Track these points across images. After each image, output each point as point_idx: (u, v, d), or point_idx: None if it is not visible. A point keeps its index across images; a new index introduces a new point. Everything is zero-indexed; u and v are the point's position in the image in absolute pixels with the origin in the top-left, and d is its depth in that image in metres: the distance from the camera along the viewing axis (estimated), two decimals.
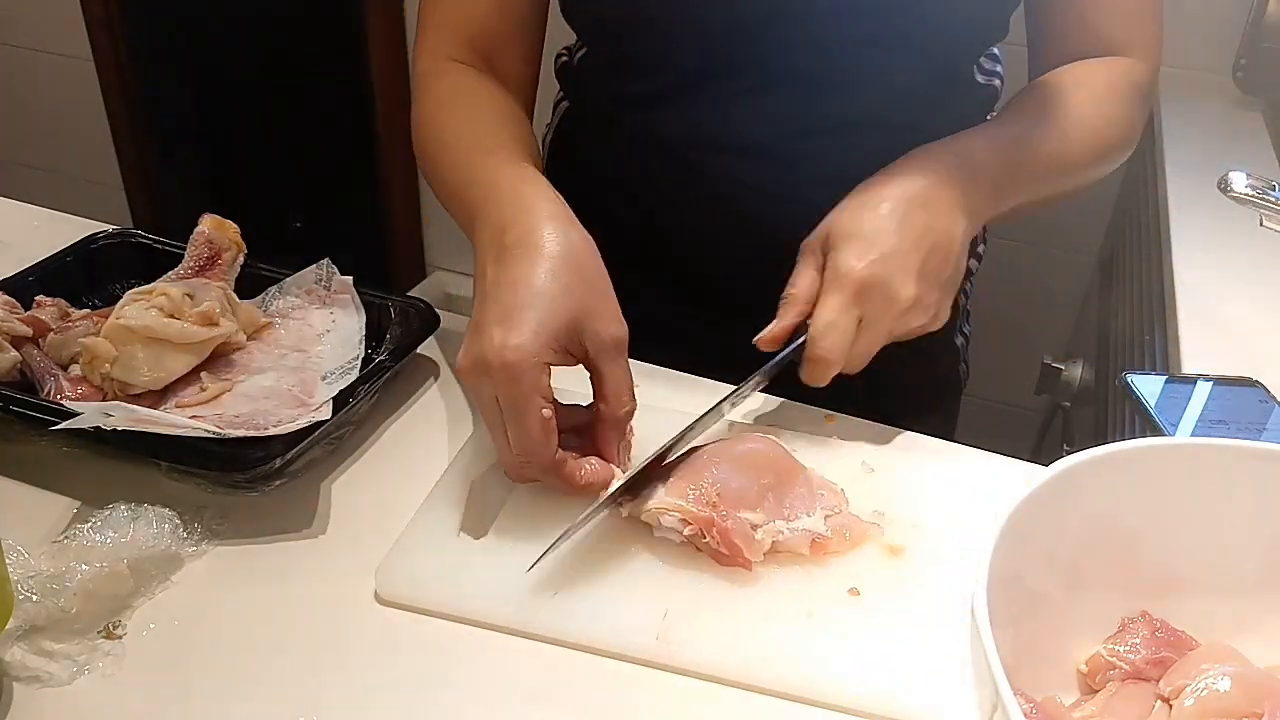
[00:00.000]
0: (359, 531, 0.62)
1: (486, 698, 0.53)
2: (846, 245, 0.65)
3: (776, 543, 0.59)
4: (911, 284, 0.65)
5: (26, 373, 0.69)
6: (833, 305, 0.64)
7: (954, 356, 0.97)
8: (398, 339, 0.74)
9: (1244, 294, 0.90)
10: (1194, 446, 0.55)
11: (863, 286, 0.64)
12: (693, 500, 0.59)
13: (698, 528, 0.59)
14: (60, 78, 2.28)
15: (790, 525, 0.60)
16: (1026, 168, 0.75)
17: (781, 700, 0.54)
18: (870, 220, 0.66)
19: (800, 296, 0.67)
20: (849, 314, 0.64)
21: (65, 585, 0.53)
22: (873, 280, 0.64)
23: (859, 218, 0.66)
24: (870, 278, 0.64)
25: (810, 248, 0.68)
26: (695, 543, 0.60)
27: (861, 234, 0.65)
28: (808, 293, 0.66)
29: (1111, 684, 0.52)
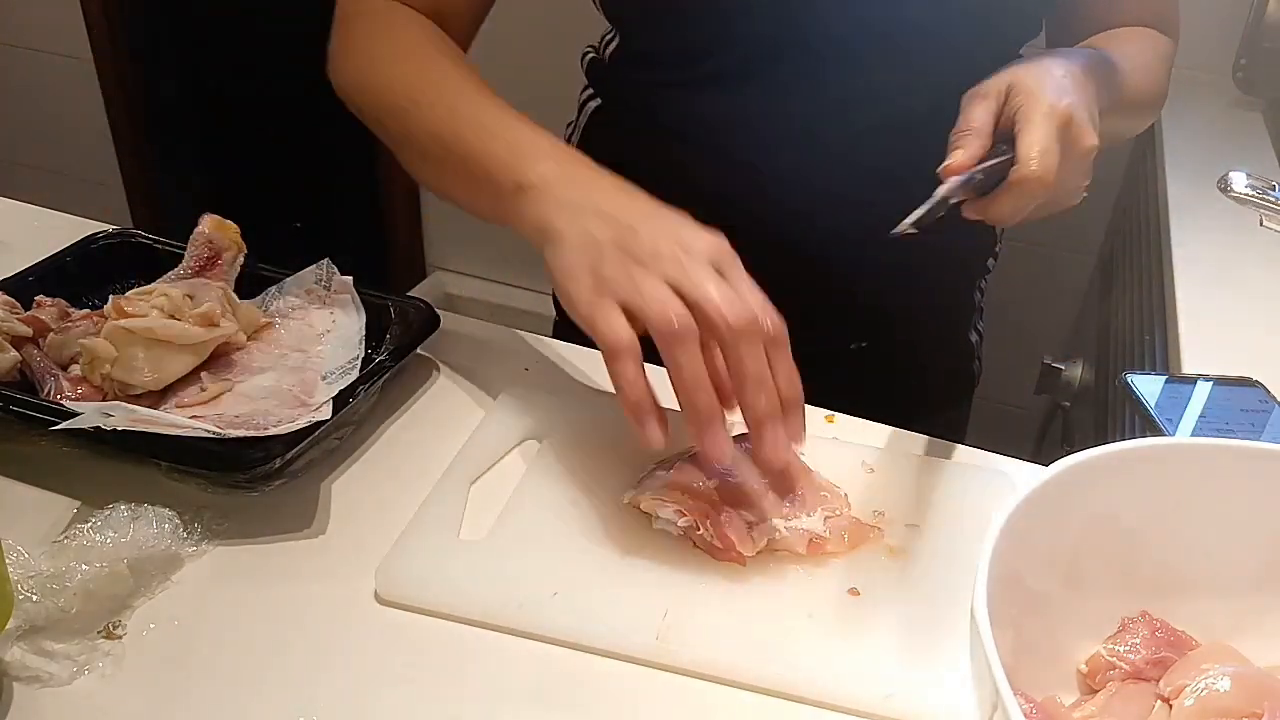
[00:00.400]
0: (359, 531, 0.62)
1: (486, 698, 0.53)
2: (1042, 86, 0.64)
3: (773, 541, 0.60)
4: (1094, 133, 0.64)
5: (26, 373, 0.69)
6: (1044, 130, 0.62)
7: (968, 355, 0.97)
8: (398, 339, 0.74)
9: (1244, 294, 0.90)
10: (1194, 446, 0.55)
11: (1065, 120, 0.63)
12: (691, 494, 0.59)
13: (693, 520, 0.59)
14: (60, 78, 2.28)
15: (788, 524, 0.60)
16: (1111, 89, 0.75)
17: (781, 700, 0.54)
18: (1055, 76, 0.65)
19: (981, 130, 0.64)
20: (1056, 141, 0.62)
21: (65, 585, 0.53)
22: (1072, 118, 0.63)
23: (1039, 72, 0.65)
24: (1070, 116, 0.63)
25: (981, 95, 0.66)
26: (691, 535, 0.60)
27: (1050, 81, 0.64)
28: (987, 127, 0.64)
29: (1111, 684, 0.52)
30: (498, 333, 0.81)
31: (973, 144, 0.64)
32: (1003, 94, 0.65)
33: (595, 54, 0.91)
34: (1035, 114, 0.62)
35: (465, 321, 0.82)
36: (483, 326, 0.82)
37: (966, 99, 0.66)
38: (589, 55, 0.92)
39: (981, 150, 0.63)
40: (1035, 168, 0.61)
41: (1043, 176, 0.61)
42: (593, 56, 0.91)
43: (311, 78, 0.81)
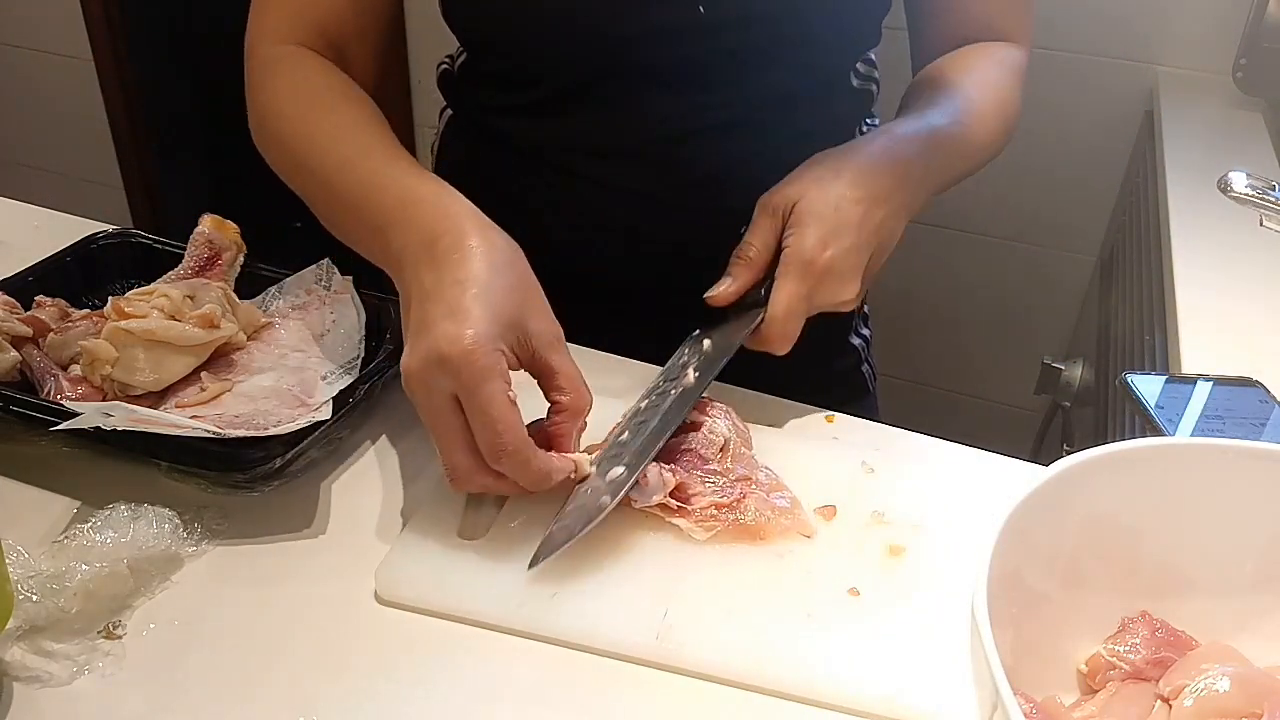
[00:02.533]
0: (359, 531, 0.62)
1: (486, 698, 0.53)
2: (813, 228, 0.66)
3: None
4: (857, 283, 0.68)
5: (26, 373, 0.69)
6: (792, 292, 0.66)
7: (855, 357, 0.98)
8: (398, 339, 0.74)
9: (1244, 294, 0.90)
10: (1194, 446, 0.55)
11: (822, 277, 0.66)
12: None
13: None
14: (60, 78, 2.28)
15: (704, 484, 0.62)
16: (948, 161, 0.77)
17: (781, 700, 0.54)
18: (837, 206, 0.67)
19: (755, 260, 0.68)
20: (807, 301, 0.67)
21: (65, 585, 0.53)
22: (830, 273, 0.66)
23: (826, 198, 0.67)
24: (829, 270, 0.66)
25: (770, 209, 0.69)
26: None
27: (828, 219, 0.67)
28: (762, 256, 0.68)
29: (1111, 684, 0.52)
30: None
31: (741, 274, 0.68)
32: (787, 213, 0.68)
33: (448, 66, 0.92)
34: (795, 269, 0.66)
35: None
36: None
37: (757, 207, 0.69)
38: (443, 67, 0.93)
39: (750, 280, 0.68)
40: (777, 332, 0.66)
41: (784, 341, 0.67)
42: (445, 69, 0.92)
43: None
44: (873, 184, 0.69)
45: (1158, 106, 1.32)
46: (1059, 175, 1.55)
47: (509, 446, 0.56)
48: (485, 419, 0.56)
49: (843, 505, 0.64)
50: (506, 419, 0.56)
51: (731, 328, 0.69)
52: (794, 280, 0.66)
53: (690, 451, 0.64)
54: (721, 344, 0.68)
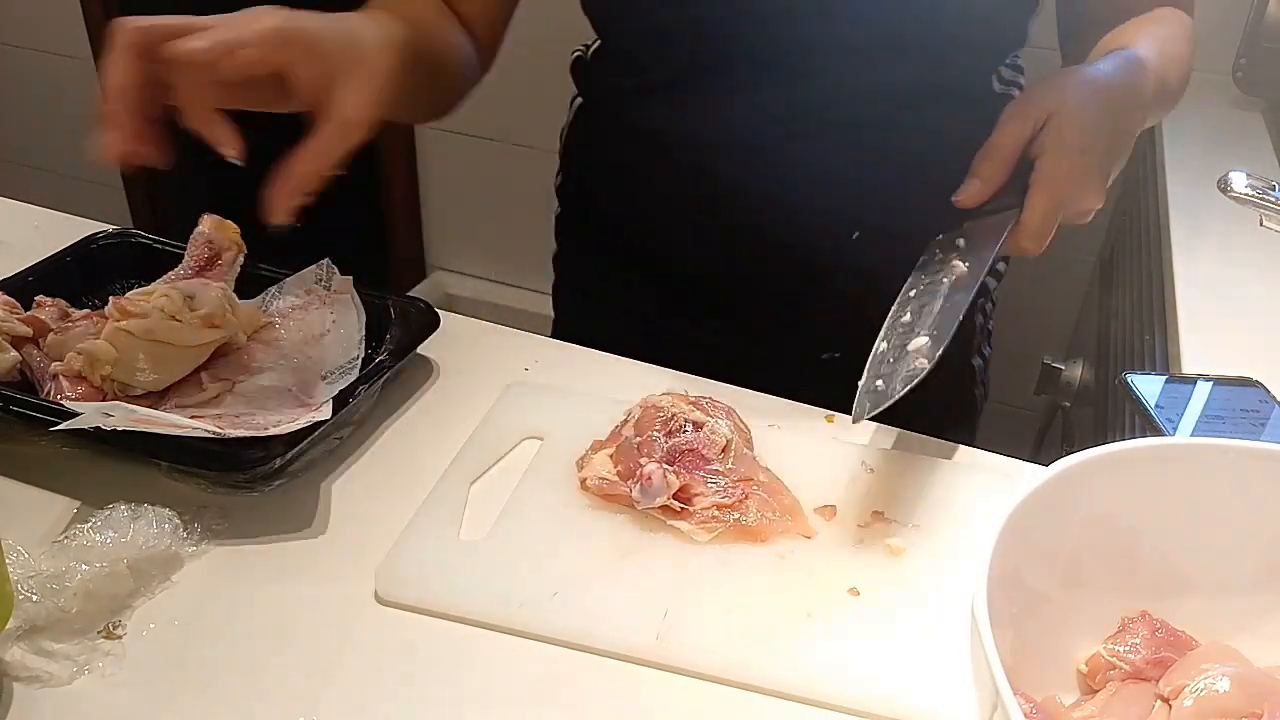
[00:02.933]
0: (359, 531, 0.62)
1: (486, 698, 0.53)
2: (1072, 136, 0.67)
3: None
4: (1100, 195, 0.68)
5: (26, 373, 0.69)
6: (1049, 204, 0.66)
7: (969, 379, 0.97)
8: (398, 339, 0.74)
9: (1244, 294, 0.90)
10: (1194, 446, 0.55)
11: (1074, 189, 0.67)
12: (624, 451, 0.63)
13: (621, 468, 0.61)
14: (60, 78, 2.28)
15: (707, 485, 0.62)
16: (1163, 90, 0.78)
17: (781, 700, 0.54)
18: (1093, 116, 0.68)
19: (1006, 162, 0.68)
20: (1060, 210, 0.66)
21: (65, 585, 0.53)
22: (1084, 182, 0.67)
23: (1084, 110, 0.68)
24: (1084, 178, 0.67)
25: (1021, 114, 0.68)
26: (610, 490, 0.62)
27: (1086, 129, 0.67)
28: (1012, 158, 0.68)
29: (1111, 684, 0.52)
30: (498, 333, 0.81)
31: (993, 178, 0.68)
32: (1040, 121, 0.68)
33: (582, 54, 0.93)
34: (1048, 181, 0.66)
35: (465, 321, 0.82)
36: (483, 326, 0.82)
37: (1008, 110, 0.69)
38: (576, 55, 0.93)
39: (998, 183, 0.68)
40: (1032, 242, 0.66)
41: (1037, 247, 0.67)
42: (578, 56, 0.93)
43: None
44: (1118, 98, 0.70)
45: None
46: None
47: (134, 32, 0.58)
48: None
49: (843, 505, 0.64)
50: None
51: (982, 228, 0.69)
52: (1054, 186, 0.66)
53: (692, 451, 0.64)
54: (976, 242, 0.68)
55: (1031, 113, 0.68)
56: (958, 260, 0.67)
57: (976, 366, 0.97)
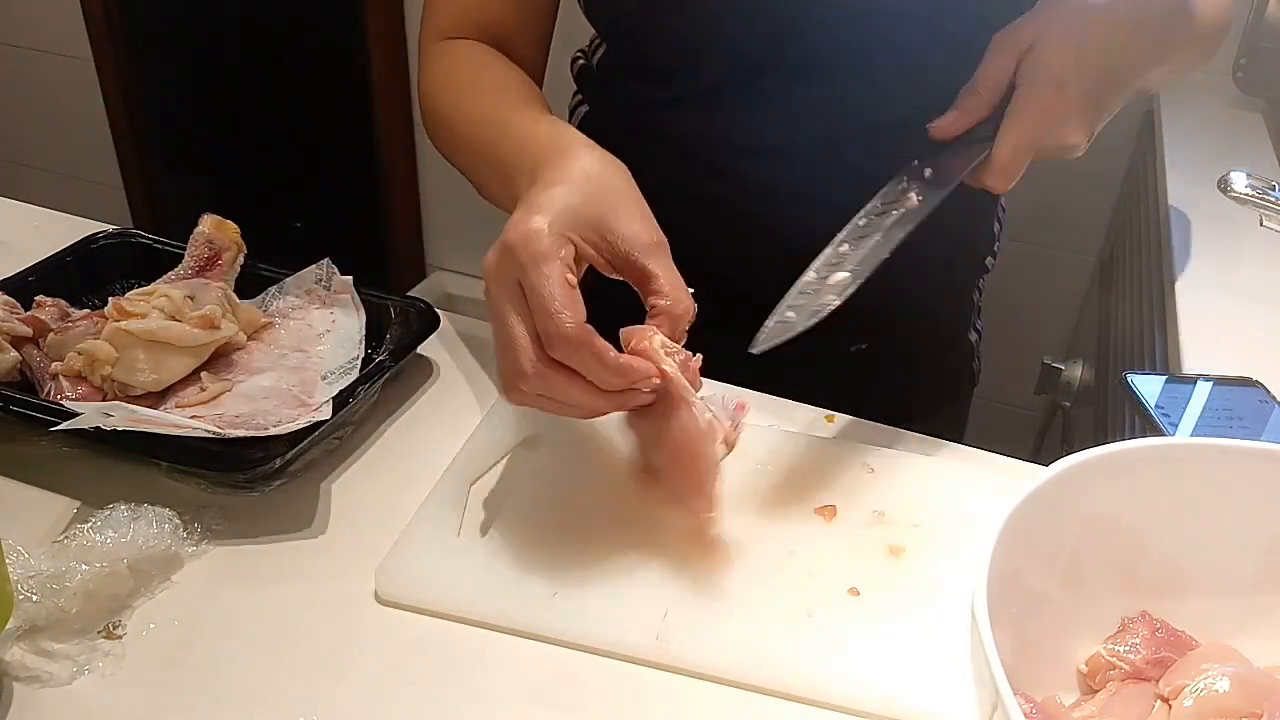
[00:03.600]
0: (359, 531, 0.62)
1: (486, 698, 0.53)
2: (1050, 70, 0.65)
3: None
4: (1086, 130, 0.66)
5: (26, 373, 0.69)
6: (1025, 132, 0.65)
7: (967, 353, 0.98)
8: (398, 339, 0.74)
9: (1244, 294, 0.90)
10: (1194, 446, 0.55)
11: (1053, 121, 0.65)
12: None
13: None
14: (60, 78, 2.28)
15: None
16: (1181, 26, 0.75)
17: (781, 700, 0.54)
18: (1076, 49, 0.66)
19: (985, 96, 0.67)
20: (1035, 144, 0.65)
21: (65, 585, 0.53)
22: (1062, 118, 0.65)
23: (1065, 41, 0.66)
24: (1062, 114, 0.65)
25: (1005, 46, 0.67)
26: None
27: (1066, 63, 0.65)
28: (993, 93, 0.67)
29: (1111, 684, 0.52)
30: None
31: (971, 108, 0.68)
32: (1024, 51, 0.66)
33: (585, 60, 0.92)
34: (1022, 115, 0.65)
35: (465, 321, 0.82)
36: (483, 326, 0.82)
37: (994, 41, 0.68)
38: (579, 61, 0.92)
39: (974, 118, 0.68)
40: (998, 177, 0.66)
41: (1004, 182, 0.66)
42: (582, 63, 0.92)
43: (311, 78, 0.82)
44: (1112, 31, 0.67)
45: (1158, 106, 1.32)
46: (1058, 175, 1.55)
47: (564, 327, 0.52)
48: (540, 299, 0.53)
49: (843, 505, 0.64)
50: (563, 298, 0.52)
51: (954, 160, 0.68)
52: (1025, 121, 0.65)
53: None
54: (943, 174, 0.67)
55: (1012, 44, 0.67)
56: (914, 193, 0.66)
57: (973, 340, 0.98)
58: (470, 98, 0.75)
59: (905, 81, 0.78)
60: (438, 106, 0.77)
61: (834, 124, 0.79)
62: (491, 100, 0.73)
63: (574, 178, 0.58)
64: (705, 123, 0.81)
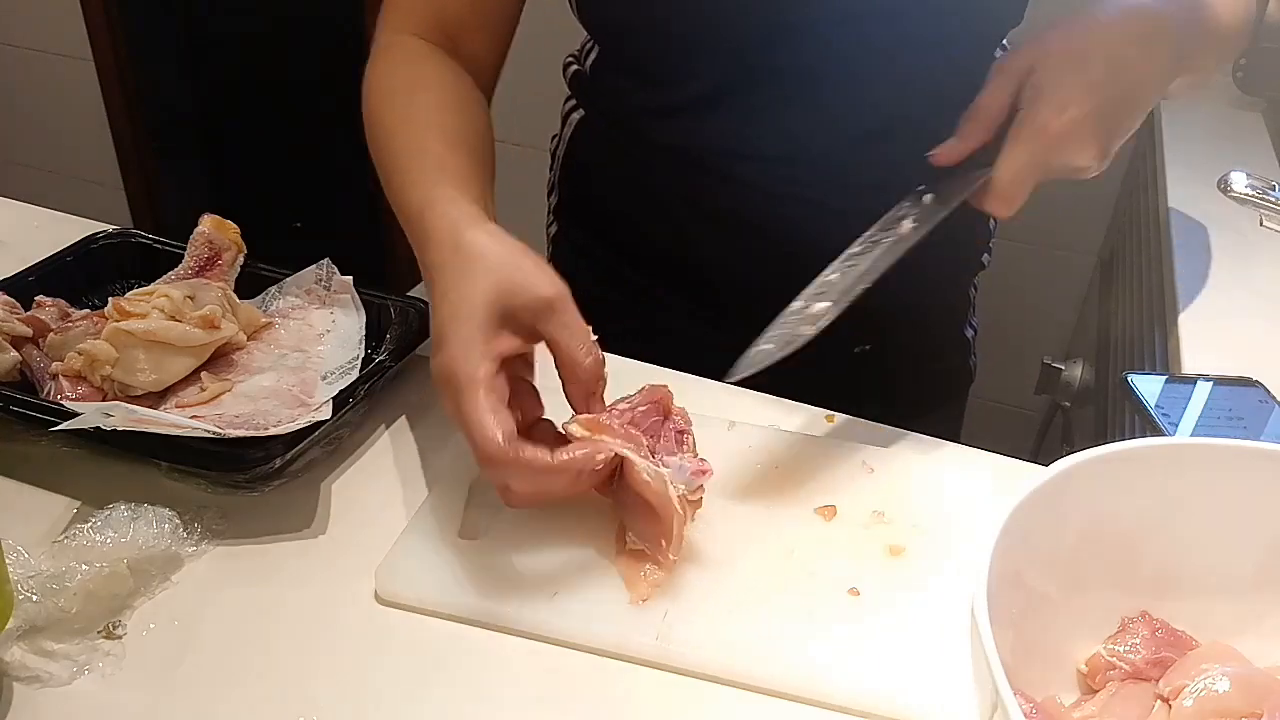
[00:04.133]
0: (359, 531, 0.62)
1: (486, 698, 0.53)
2: (1051, 91, 0.64)
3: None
4: (1095, 149, 0.65)
5: (26, 373, 0.69)
6: (1026, 157, 0.64)
7: (964, 350, 0.98)
8: (398, 339, 0.74)
9: (1244, 294, 0.90)
10: (1194, 446, 0.55)
11: (1057, 143, 0.64)
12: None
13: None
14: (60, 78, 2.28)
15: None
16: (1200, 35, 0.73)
17: (781, 700, 0.54)
18: (1079, 69, 0.65)
19: (986, 121, 0.67)
20: (1038, 168, 0.64)
21: (65, 585, 0.53)
22: (1066, 139, 0.64)
23: (1067, 61, 0.65)
24: (1065, 136, 0.64)
25: (1007, 71, 0.67)
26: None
27: (1068, 83, 0.64)
28: (994, 118, 0.66)
29: (1111, 684, 0.52)
30: None
31: (972, 134, 0.67)
32: (1025, 75, 0.66)
33: (577, 64, 0.91)
34: (1023, 137, 0.64)
35: None
36: None
37: (995, 68, 0.68)
38: (571, 66, 0.92)
39: (979, 143, 0.67)
40: (998, 203, 0.65)
41: (1005, 207, 0.65)
42: (576, 68, 0.91)
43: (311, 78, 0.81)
44: (1118, 50, 0.66)
45: (1158, 106, 1.32)
46: None
47: (489, 449, 0.54)
48: (467, 428, 0.55)
49: (843, 505, 0.64)
50: (483, 422, 0.54)
51: (956, 185, 0.67)
52: (1026, 145, 0.64)
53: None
54: (944, 198, 0.67)
55: (1013, 68, 0.66)
56: (910, 219, 0.66)
57: (969, 337, 0.98)
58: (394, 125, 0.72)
59: (896, 88, 0.78)
60: (367, 115, 0.75)
61: (829, 129, 0.79)
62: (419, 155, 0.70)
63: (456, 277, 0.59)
64: (699, 128, 0.81)
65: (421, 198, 0.65)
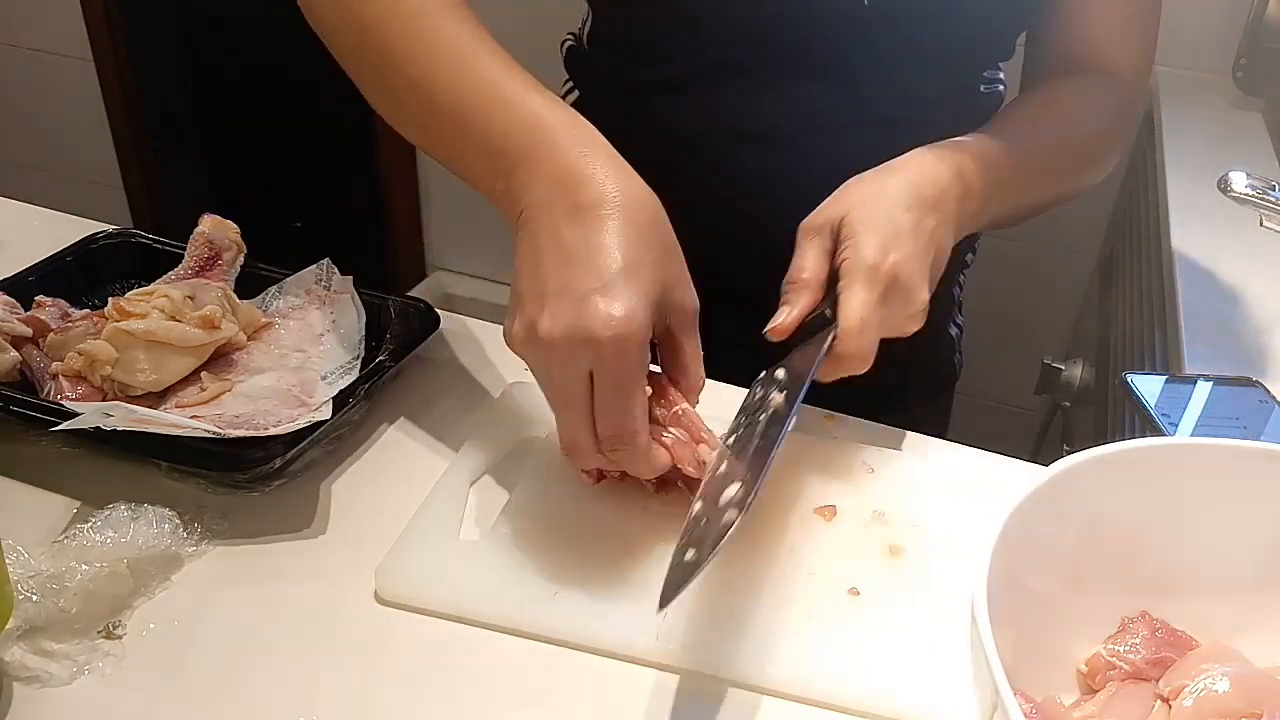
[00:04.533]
0: (359, 531, 0.62)
1: (486, 698, 0.53)
2: (868, 237, 0.62)
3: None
4: (924, 288, 0.63)
5: (26, 373, 0.69)
6: (863, 300, 0.61)
7: (949, 347, 0.98)
8: (398, 339, 0.74)
9: (1244, 294, 0.90)
10: (1194, 446, 0.55)
11: (890, 284, 0.61)
12: None
13: None
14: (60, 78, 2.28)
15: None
16: (1013, 182, 0.74)
17: (781, 700, 0.54)
18: (888, 215, 0.63)
19: (811, 282, 0.63)
20: (878, 311, 0.61)
21: (65, 585, 0.53)
22: (897, 279, 0.62)
23: (876, 210, 0.64)
24: (896, 275, 0.61)
25: (814, 231, 0.65)
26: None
27: (881, 228, 0.62)
28: (818, 277, 0.64)
29: (1111, 684, 0.52)
30: (498, 333, 0.81)
31: (799, 300, 0.63)
32: (836, 231, 0.64)
33: (574, 40, 0.91)
34: (858, 277, 0.61)
35: (465, 321, 0.82)
36: (483, 327, 0.82)
37: (800, 232, 0.66)
38: (568, 43, 0.91)
39: (810, 305, 0.63)
40: (852, 347, 0.60)
41: (861, 355, 0.61)
42: (571, 44, 0.91)
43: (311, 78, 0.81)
44: (921, 193, 0.65)
45: (1158, 106, 1.32)
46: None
47: (633, 439, 0.55)
48: (618, 408, 0.54)
49: (843, 505, 0.64)
50: (639, 414, 0.54)
51: (804, 356, 0.63)
52: (861, 287, 0.61)
53: None
54: (795, 373, 0.62)
55: (823, 223, 0.64)
56: (775, 393, 0.61)
57: (954, 335, 0.98)
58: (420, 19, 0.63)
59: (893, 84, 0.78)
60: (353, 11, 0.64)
61: (829, 116, 0.79)
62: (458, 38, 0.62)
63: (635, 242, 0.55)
64: (696, 108, 0.81)
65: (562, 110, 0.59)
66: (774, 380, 0.63)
